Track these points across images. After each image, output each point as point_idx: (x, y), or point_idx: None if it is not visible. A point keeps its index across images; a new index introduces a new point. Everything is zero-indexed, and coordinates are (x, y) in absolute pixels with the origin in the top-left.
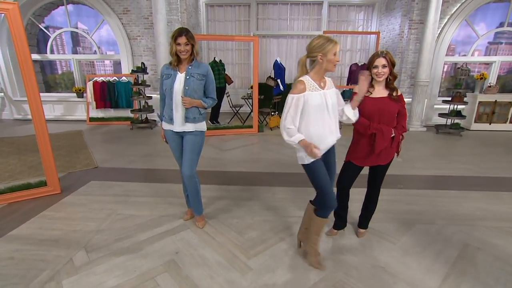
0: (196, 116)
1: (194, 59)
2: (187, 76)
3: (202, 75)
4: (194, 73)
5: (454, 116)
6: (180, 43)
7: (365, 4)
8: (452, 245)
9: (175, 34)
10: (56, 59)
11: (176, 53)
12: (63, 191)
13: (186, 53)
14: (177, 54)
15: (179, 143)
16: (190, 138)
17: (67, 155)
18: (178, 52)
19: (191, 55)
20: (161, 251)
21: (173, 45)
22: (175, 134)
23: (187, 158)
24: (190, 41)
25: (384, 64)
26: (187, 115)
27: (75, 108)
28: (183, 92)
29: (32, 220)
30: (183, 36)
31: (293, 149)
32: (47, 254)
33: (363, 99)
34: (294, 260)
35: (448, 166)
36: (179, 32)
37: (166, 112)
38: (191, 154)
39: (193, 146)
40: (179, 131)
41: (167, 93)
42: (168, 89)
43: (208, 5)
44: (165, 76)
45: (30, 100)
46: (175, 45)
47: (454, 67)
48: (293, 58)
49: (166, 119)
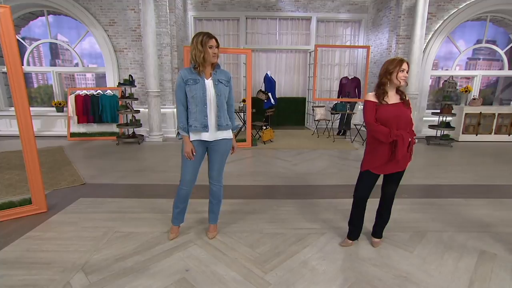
0: (228, 122)
1: (217, 64)
2: (215, 82)
3: (227, 82)
4: (221, 79)
5: (444, 127)
6: (213, 45)
7: (352, 20)
8: (468, 252)
9: (203, 38)
10: (34, 72)
11: (204, 57)
12: (49, 209)
13: (217, 57)
14: (205, 58)
15: (201, 155)
16: (221, 147)
17: (49, 171)
18: (213, 55)
19: None
20: (170, 269)
21: (201, 49)
22: (201, 145)
23: (217, 166)
24: (218, 44)
25: (407, 69)
26: (220, 122)
27: (54, 123)
28: (215, 99)
29: (17, 242)
30: (213, 39)
31: (288, 162)
32: (39, 279)
33: (379, 106)
34: (313, 272)
35: (446, 175)
36: (208, 35)
37: (198, 119)
38: (221, 162)
39: (223, 155)
40: (210, 140)
41: (198, 100)
42: (199, 95)
43: (197, 18)
44: (191, 81)
45: (19, 113)
46: (208, 48)
47: (438, 81)
48: (282, 72)
49: (198, 128)
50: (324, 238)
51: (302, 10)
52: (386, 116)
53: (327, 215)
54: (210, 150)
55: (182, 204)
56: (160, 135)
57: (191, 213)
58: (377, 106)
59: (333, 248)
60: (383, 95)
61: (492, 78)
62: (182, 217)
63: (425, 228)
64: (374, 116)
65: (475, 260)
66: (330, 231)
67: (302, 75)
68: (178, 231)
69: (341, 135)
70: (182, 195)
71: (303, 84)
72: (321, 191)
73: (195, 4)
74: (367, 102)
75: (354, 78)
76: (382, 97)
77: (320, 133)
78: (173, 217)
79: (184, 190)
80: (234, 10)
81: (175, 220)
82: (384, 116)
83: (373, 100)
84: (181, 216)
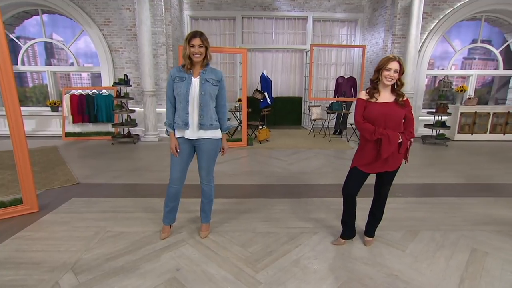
0: (213, 122)
1: (207, 63)
2: (202, 80)
3: (216, 81)
4: (209, 78)
5: (439, 126)
6: (194, 44)
7: (348, 20)
8: (460, 250)
9: (189, 36)
10: (28, 71)
11: (189, 56)
12: (41, 209)
13: (199, 56)
14: (190, 57)
15: (188, 153)
16: (206, 146)
17: (42, 171)
18: (192, 54)
19: (204, 58)
20: (160, 268)
21: (186, 47)
22: (187, 142)
23: (205, 165)
24: (204, 43)
25: (397, 69)
26: (203, 121)
27: (49, 123)
28: (198, 97)
29: (7, 242)
30: (197, 38)
31: (284, 161)
32: (28, 279)
33: (368, 104)
34: (304, 271)
35: (440, 174)
36: (193, 34)
37: (180, 116)
38: (208, 161)
39: (209, 154)
40: (193, 138)
41: (181, 97)
42: (183, 93)
43: (193, 18)
44: (177, 78)
45: (9, 113)
46: (189, 47)
47: (434, 80)
48: (278, 71)
49: (180, 125)
50: (316, 237)
51: (298, 10)
52: (374, 114)
53: (320, 214)
54: (196, 149)
55: (172, 203)
56: (155, 134)
57: (183, 213)
58: (366, 104)
59: (325, 247)
60: (374, 93)
61: (487, 77)
62: (173, 217)
63: (418, 227)
64: (361, 114)
65: (466, 258)
66: (322, 230)
67: (299, 74)
68: (169, 230)
69: (337, 135)
70: (172, 194)
71: (299, 83)
72: (315, 190)
73: (191, 4)
74: (357, 99)
75: (350, 78)
76: (372, 94)
77: (316, 132)
78: (164, 216)
79: (173, 188)
80: (230, 9)
81: (166, 219)
82: (372, 115)
83: (363, 98)
84: (172, 215)
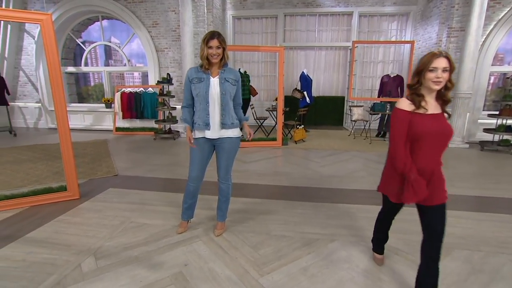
0: (234, 121)
1: (225, 63)
2: (222, 80)
3: (235, 81)
4: (229, 78)
5: (503, 131)
6: (212, 46)
7: (399, 13)
8: (502, 278)
9: (207, 37)
10: (88, 71)
11: (207, 57)
12: (82, 196)
13: (217, 57)
14: (208, 58)
15: (208, 152)
16: (227, 145)
17: (91, 162)
18: (210, 55)
19: (222, 59)
20: (170, 262)
21: (204, 48)
22: (207, 142)
23: (224, 164)
24: (222, 45)
25: (446, 67)
26: (224, 121)
27: (104, 118)
28: (220, 97)
29: (49, 224)
30: (215, 39)
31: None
32: (57, 259)
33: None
34: (311, 280)
35: (496, 186)
36: (211, 35)
37: (200, 117)
38: (227, 159)
39: (230, 153)
40: (214, 138)
41: (201, 97)
42: (202, 93)
43: (235, 17)
44: (195, 79)
45: (57, 109)
46: (207, 48)
47: (503, 77)
48: (321, 70)
49: (201, 126)
50: (332, 245)
51: (343, 5)
52: (424, 130)
53: (342, 221)
54: (217, 148)
55: (191, 200)
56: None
57: (205, 209)
58: (411, 115)
59: (339, 257)
60: (419, 101)
61: None
62: (191, 213)
63: (453, 245)
64: (405, 132)
65: None
66: (341, 239)
67: (342, 73)
68: (186, 226)
69: (380, 137)
70: (190, 191)
71: (342, 82)
72: (343, 195)
73: (234, 3)
74: (397, 110)
75: (397, 76)
76: (419, 103)
77: (357, 134)
78: (182, 212)
79: (191, 187)
80: (272, 7)
81: (184, 215)
82: (421, 130)
83: (406, 108)
84: (190, 212)
